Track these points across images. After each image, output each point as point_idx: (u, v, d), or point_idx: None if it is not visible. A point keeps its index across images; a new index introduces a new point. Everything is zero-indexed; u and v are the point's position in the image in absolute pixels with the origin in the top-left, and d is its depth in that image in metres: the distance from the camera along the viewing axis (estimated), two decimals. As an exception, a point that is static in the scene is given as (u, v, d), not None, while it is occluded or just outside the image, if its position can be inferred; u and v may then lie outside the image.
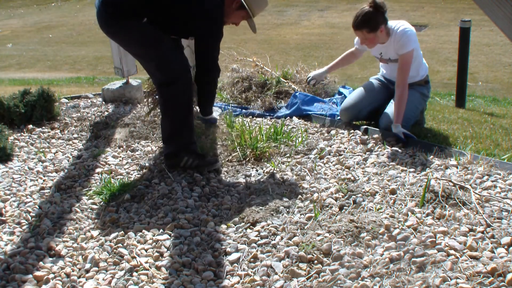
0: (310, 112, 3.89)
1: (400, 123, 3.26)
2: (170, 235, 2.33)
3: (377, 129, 3.42)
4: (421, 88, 3.58)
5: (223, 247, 2.21)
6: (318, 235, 2.21)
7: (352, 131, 3.48)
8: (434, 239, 2.10)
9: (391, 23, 3.35)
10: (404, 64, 3.31)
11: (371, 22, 3.22)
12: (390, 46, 3.40)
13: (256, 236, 2.27)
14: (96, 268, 2.11)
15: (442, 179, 2.56)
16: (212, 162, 2.98)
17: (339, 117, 3.73)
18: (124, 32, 2.82)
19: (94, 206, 2.65)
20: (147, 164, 3.09)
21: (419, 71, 3.54)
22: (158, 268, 2.10)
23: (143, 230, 2.37)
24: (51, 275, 2.07)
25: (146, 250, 2.22)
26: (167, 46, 2.84)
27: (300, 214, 2.44)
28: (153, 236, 2.32)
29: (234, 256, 2.14)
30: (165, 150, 3.01)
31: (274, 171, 2.93)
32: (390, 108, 3.43)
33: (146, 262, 2.13)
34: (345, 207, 2.46)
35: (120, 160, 3.24)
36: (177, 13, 2.80)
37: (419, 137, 3.32)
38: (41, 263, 2.14)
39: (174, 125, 2.93)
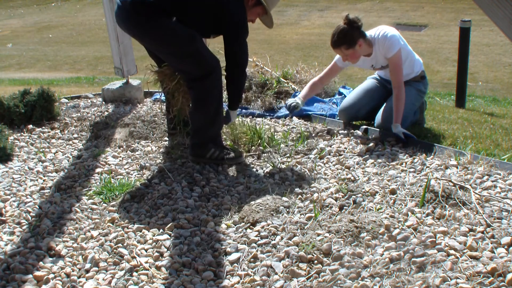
0: (310, 112, 3.89)
1: (400, 122, 3.26)
2: (170, 235, 2.33)
3: (377, 129, 3.42)
4: (417, 84, 3.58)
5: (223, 247, 2.21)
6: (318, 235, 2.20)
7: (352, 131, 3.49)
8: (434, 239, 2.10)
9: (370, 33, 3.38)
10: (395, 66, 3.33)
11: (347, 38, 3.23)
12: (378, 56, 3.42)
13: (256, 236, 2.27)
14: (96, 268, 2.11)
15: (442, 179, 2.56)
16: (237, 156, 3.04)
17: (338, 117, 3.73)
18: (155, 31, 2.78)
19: (94, 206, 2.65)
20: (147, 164, 3.09)
21: (414, 68, 3.54)
22: (158, 268, 2.10)
23: (143, 230, 2.37)
24: (51, 275, 2.06)
25: (146, 250, 2.22)
26: (200, 41, 2.87)
27: (300, 214, 2.43)
28: (153, 236, 2.32)
29: (234, 256, 2.14)
30: (192, 140, 3.03)
31: (274, 171, 2.93)
32: (384, 108, 3.45)
33: (146, 262, 2.13)
34: (345, 207, 2.46)
35: (120, 160, 3.24)
36: (193, 10, 2.82)
37: (419, 137, 3.32)
38: (41, 263, 2.14)
39: (207, 117, 2.96)
